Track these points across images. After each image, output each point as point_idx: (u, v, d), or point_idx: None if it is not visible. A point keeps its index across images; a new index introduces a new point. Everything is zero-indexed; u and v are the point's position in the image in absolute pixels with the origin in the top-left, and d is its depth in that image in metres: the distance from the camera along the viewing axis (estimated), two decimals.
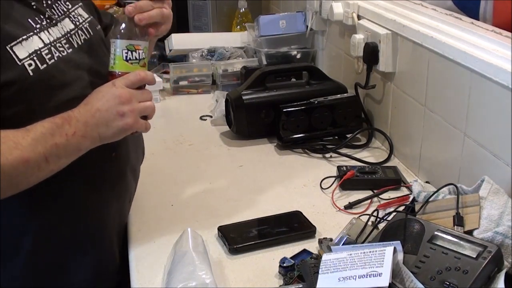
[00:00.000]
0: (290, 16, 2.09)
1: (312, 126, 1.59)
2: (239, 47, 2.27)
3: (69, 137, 0.95)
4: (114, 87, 1.00)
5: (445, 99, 1.26)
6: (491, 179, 1.06)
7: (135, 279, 1.04)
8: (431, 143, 1.34)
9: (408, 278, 0.88)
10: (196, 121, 1.82)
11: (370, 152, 1.57)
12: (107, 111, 0.98)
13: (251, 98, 1.62)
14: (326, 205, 1.29)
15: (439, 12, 1.36)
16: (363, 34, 1.59)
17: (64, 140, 0.94)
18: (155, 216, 1.25)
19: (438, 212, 1.08)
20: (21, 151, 0.90)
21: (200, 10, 2.59)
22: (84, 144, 0.98)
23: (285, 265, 1.02)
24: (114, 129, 0.99)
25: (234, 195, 1.34)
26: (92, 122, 0.97)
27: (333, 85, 1.70)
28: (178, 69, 2.08)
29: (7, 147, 0.89)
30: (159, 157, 1.56)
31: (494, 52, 1.08)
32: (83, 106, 0.98)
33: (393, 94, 1.51)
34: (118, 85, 1.01)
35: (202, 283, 0.94)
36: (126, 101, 1.00)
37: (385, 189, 1.31)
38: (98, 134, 0.98)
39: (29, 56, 0.95)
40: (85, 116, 0.97)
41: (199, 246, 1.05)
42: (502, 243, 0.93)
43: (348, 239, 1.06)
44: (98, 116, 0.97)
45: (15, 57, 0.93)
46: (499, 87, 1.05)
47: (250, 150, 1.59)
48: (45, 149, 0.92)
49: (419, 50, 1.34)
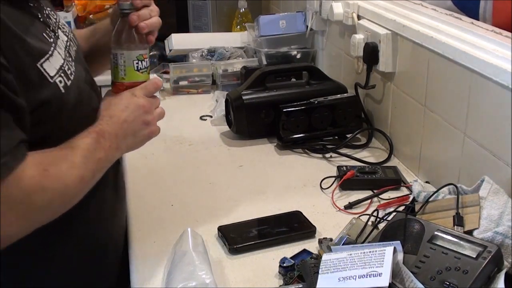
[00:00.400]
0: (290, 16, 2.09)
1: (312, 126, 1.59)
2: (239, 47, 2.27)
3: (107, 151, 0.95)
4: (135, 97, 1.02)
5: (445, 99, 1.26)
6: (491, 179, 1.06)
7: (135, 279, 1.04)
8: (431, 143, 1.34)
9: (408, 278, 0.88)
10: (196, 121, 1.82)
11: (370, 152, 1.57)
12: (134, 121, 1.00)
13: (251, 98, 1.62)
14: (326, 205, 1.29)
15: (439, 12, 1.36)
16: (363, 34, 1.59)
17: (103, 154, 0.95)
18: (155, 216, 1.25)
19: (438, 212, 1.08)
20: (78, 169, 0.90)
21: (200, 10, 2.59)
22: (116, 156, 1.00)
23: (285, 265, 1.02)
24: (141, 138, 1.03)
25: (234, 195, 1.34)
26: (121, 133, 0.98)
27: (333, 85, 1.70)
28: (178, 69, 2.08)
29: (66, 167, 0.88)
30: (159, 157, 1.56)
31: (494, 52, 1.08)
32: (108, 118, 0.98)
33: (393, 94, 1.51)
34: (138, 95, 1.02)
35: (202, 283, 0.94)
36: (149, 110, 1.03)
37: (385, 189, 1.31)
38: (126, 144, 1.00)
39: (57, 73, 0.93)
40: (114, 129, 0.98)
41: (199, 246, 1.05)
42: (502, 243, 0.93)
43: (348, 239, 1.06)
44: (126, 127, 0.99)
45: (46, 75, 0.90)
46: (499, 87, 1.05)
47: (250, 150, 1.59)
48: (93, 165, 0.93)
49: (419, 50, 1.34)
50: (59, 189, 0.87)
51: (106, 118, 0.98)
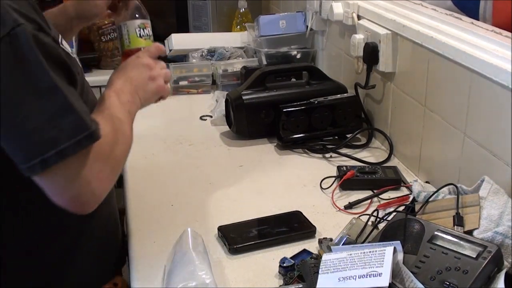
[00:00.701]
0: (290, 16, 2.09)
1: (312, 126, 1.59)
2: (239, 47, 2.27)
3: (128, 105, 1.04)
4: (139, 58, 1.12)
5: (445, 99, 1.26)
6: (491, 179, 1.06)
7: (135, 279, 1.04)
8: (431, 143, 1.34)
9: (408, 278, 0.88)
10: (196, 121, 1.82)
11: (370, 152, 1.57)
12: (140, 77, 1.09)
13: (251, 98, 1.62)
14: (326, 205, 1.29)
15: (439, 12, 1.36)
16: (363, 34, 1.59)
17: (128, 108, 1.04)
18: (155, 216, 1.25)
19: (438, 212, 1.08)
20: (126, 123, 1.01)
21: (200, 10, 2.59)
22: (135, 111, 1.07)
23: (285, 265, 1.02)
24: (150, 92, 1.11)
25: (234, 195, 1.34)
26: (132, 89, 1.06)
27: (333, 85, 1.70)
28: (178, 69, 2.08)
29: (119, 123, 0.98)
30: (159, 157, 1.56)
31: (494, 52, 1.08)
32: (118, 79, 1.07)
33: (393, 94, 1.51)
34: (141, 56, 1.12)
35: (202, 283, 0.94)
36: (153, 67, 1.11)
37: (385, 189, 1.31)
38: (139, 98, 1.08)
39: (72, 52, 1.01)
40: (126, 86, 1.06)
41: (199, 246, 1.05)
42: (502, 243, 0.93)
43: (348, 239, 1.06)
44: (135, 83, 1.08)
45: (68, 52, 0.98)
46: (499, 87, 1.05)
47: (250, 150, 1.59)
48: (130, 117, 1.03)
49: (419, 50, 1.34)
50: (125, 140, 0.99)
51: (117, 80, 1.07)
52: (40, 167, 0.83)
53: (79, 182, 0.87)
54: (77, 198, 0.89)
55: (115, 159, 0.95)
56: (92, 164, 0.88)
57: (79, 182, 0.87)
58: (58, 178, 0.86)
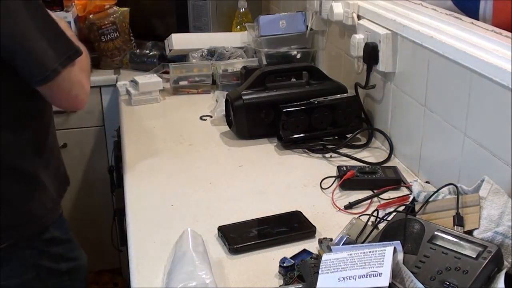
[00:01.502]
0: (290, 16, 2.09)
1: (312, 126, 1.59)
2: (239, 47, 2.27)
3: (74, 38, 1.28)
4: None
5: (445, 99, 1.26)
6: (491, 179, 1.06)
7: (135, 279, 1.04)
8: (431, 143, 1.34)
9: (408, 278, 0.88)
10: (196, 121, 1.82)
11: (370, 152, 1.57)
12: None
13: (251, 98, 1.62)
14: (326, 205, 1.29)
15: (439, 12, 1.36)
16: (363, 34, 1.59)
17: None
18: (155, 216, 1.25)
19: (438, 212, 1.08)
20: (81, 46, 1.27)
21: (200, 10, 2.59)
22: None
23: (285, 265, 1.02)
24: None
25: (234, 195, 1.34)
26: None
27: (333, 85, 1.70)
28: (178, 69, 2.08)
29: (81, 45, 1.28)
30: (159, 157, 1.56)
31: (494, 52, 1.08)
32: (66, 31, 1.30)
33: (393, 94, 1.51)
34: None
35: (202, 283, 0.94)
36: None
37: (385, 189, 1.31)
38: None
39: None
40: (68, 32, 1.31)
41: (199, 246, 1.05)
42: (502, 243, 0.93)
43: (348, 239, 1.06)
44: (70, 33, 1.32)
45: None
46: (499, 87, 1.05)
47: (250, 150, 1.59)
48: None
49: (419, 50, 1.34)
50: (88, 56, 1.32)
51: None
52: (54, 75, 1.15)
53: (77, 85, 1.22)
54: (76, 98, 1.24)
55: (88, 70, 1.32)
56: (80, 73, 1.23)
57: (77, 85, 1.22)
58: (65, 84, 1.19)
